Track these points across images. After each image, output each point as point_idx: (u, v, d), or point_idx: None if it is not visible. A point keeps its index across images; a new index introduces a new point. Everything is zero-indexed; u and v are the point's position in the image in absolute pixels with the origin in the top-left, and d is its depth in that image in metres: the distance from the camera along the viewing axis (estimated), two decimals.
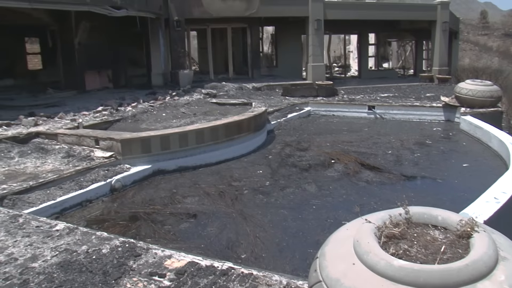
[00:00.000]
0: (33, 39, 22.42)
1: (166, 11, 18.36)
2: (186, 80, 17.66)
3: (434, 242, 2.13)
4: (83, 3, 13.27)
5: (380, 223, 2.23)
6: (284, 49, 23.65)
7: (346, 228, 2.36)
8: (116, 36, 17.86)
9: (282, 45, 23.86)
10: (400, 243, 2.13)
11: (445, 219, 2.28)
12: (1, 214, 4.89)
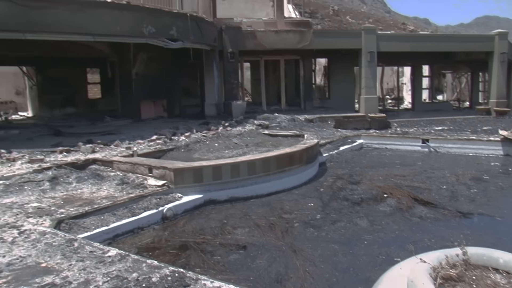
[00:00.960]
0: (94, 69, 23.35)
1: (220, 43, 18.74)
2: (239, 111, 17.85)
3: (496, 287, 2.02)
4: (142, 36, 13.74)
5: (435, 264, 2.15)
6: (337, 81, 23.61)
7: (400, 267, 2.28)
8: (171, 66, 18.35)
9: (334, 77, 23.84)
10: (458, 286, 2.03)
11: (507, 262, 2.16)
12: (58, 238, 5.04)
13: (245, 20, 21.00)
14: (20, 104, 23.79)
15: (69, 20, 12.00)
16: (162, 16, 14.39)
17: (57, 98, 20.57)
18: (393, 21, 47.15)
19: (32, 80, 21.05)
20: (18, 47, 15.26)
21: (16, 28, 11.34)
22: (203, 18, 16.85)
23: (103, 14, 12.76)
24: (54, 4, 12.09)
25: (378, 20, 40.82)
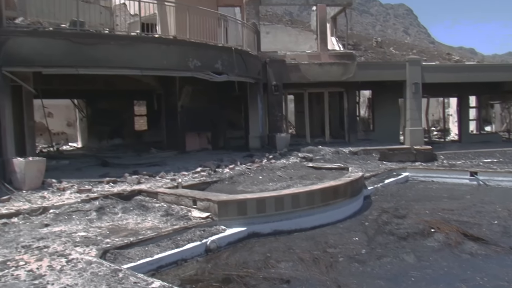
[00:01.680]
0: (141, 102, 23.95)
1: (264, 76, 18.93)
2: (283, 143, 17.86)
3: None
4: (187, 70, 14.04)
5: None
6: (381, 113, 23.37)
7: None
8: (216, 99, 18.63)
9: (379, 108, 23.62)
10: None
11: None
12: (104, 268, 5.12)
13: (289, 53, 21.18)
14: (70, 135, 24.57)
15: (119, 55, 12.42)
16: (207, 50, 14.70)
17: (105, 130, 21.17)
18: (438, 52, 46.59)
19: (82, 112, 21.77)
20: (71, 81, 15.87)
21: (70, 64, 11.84)
22: (248, 52, 17.11)
23: (150, 49, 13.14)
24: (105, 40, 12.60)
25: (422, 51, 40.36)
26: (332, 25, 25.63)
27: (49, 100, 18.95)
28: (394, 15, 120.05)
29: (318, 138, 21.55)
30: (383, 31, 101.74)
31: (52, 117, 22.77)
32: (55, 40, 11.71)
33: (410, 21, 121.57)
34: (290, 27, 32.58)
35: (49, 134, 19.99)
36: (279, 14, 41.65)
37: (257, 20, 19.86)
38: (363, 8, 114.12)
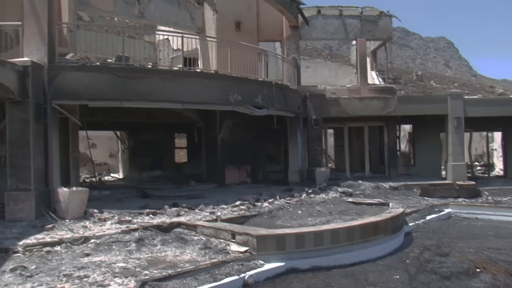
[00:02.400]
0: (181, 134, 24.31)
1: (304, 110, 18.99)
2: (322, 178, 17.76)
3: None
4: (228, 104, 14.23)
5: None
6: (422, 148, 22.98)
7: None
8: (256, 133, 18.73)
9: (419, 143, 23.25)
10: None
11: None
12: None
13: (329, 87, 21.27)
14: (112, 166, 25.08)
15: (162, 89, 12.71)
16: (248, 84, 14.89)
17: (146, 161, 21.55)
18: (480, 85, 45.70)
19: (124, 143, 22.26)
20: (115, 113, 16.30)
21: (114, 97, 12.21)
22: (288, 86, 17.25)
23: (192, 83, 13.40)
24: (149, 74, 12.94)
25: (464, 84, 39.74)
26: (372, 59, 25.66)
27: (93, 131, 19.50)
28: (434, 48, 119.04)
29: (358, 172, 21.33)
30: (423, 64, 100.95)
31: (96, 148, 23.37)
32: (101, 75, 12.10)
33: (451, 54, 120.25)
34: (330, 61, 32.72)
35: (92, 165, 20.48)
36: (319, 48, 41.89)
37: (297, 55, 20.08)
38: (403, 42, 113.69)
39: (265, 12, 20.14)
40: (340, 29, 21.80)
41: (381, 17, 21.98)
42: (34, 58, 11.25)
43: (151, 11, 18.00)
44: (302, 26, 20.52)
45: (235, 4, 19.43)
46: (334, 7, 21.93)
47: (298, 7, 19.78)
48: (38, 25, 11.46)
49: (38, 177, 10.83)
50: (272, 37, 21.04)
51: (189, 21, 19.04)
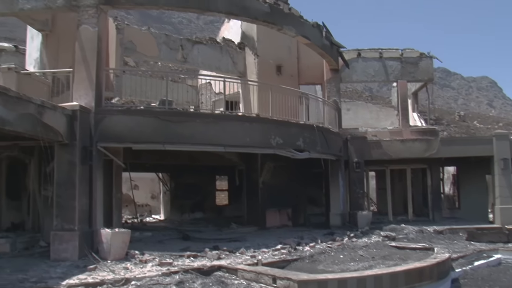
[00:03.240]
0: (223, 177, 24.45)
1: (346, 153, 18.90)
2: (364, 221, 17.48)
3: None
4: (270, 147, 14.28)
5: None
6: (467, 190, 22.37)
7: None
8: (297, 176, 18.67)
9: (464, 185, 22.66)
10: None
11: None
12: None
13: (370, 130, 21.15)
14: (154, 207, 25.35)
15: (204, 132, 12.91)
16: (289, 128, 14.95)
17: (188, 203, 21.71)
18: None
19: (166, 185, 22.54)
20: (157, 155, 16.60)
21: (157, 140, 12.45)
22: (329, 129, 17.24)
23: (234, 126, 13.58)
24: (191, 118, 13.20)
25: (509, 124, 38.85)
26: (413, 100, 25.48)
27: (136, 173, 19.83)
28: (477, 88, 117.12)
29: (401, 216, 20.91)
30: (465, 104, 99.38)
31: (138, 189, 23.72)
32: (145, 118, 12.41)
33: (494, 93, 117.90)
34: (370, 104, 32.66)
35: (134, 206, 20.76)
36: (359, 90, 42.01)
37: (338, 98, 20.15)
38: (444, 82, 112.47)
39: (306, 56, 20.36)
40: (380, 71, 21.80)
41: (422, 58, 21.91)
42: (82, 102, 11.66)
43: (194, 56, 18.53)
44: (342, 69, 20.64)
45: (276, 48, 19.73)
46: (374, 49, 22.01)
47: (338, 51, 19.94)
48: (87, 71, 11.94)
49: (82, 218, 11.04)
50: (313, 80, 21.19)
51: (231, 66, 19.47)
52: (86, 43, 12.11)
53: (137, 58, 20.05)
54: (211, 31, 59.91)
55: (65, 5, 12.42)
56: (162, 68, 23.92)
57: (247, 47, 19.82)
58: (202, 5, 13.65)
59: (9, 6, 12.63)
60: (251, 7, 14.52)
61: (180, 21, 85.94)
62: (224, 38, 20.41)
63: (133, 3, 13.20)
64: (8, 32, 47.87)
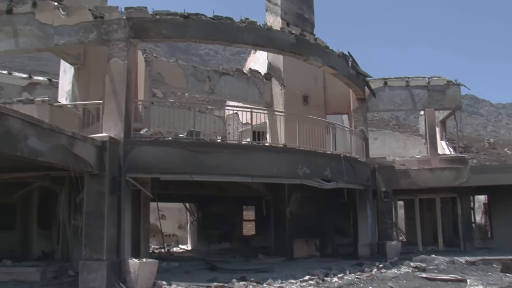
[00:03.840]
0: (250, 207, 24.40)
1: (373, 182, 18.74)
2: (393, 251, 17.18)
3: None
4: (297, 177, 14.26)
5: None
6: (500, 220, 21.82)
7: None
8: (324, 206, 18.56)
9: (497, 215, 22.12)
10: None
11: None
12: None
13: (398, 159, 20.96)
14: (181, 237, 25.37)
15: (231, 163, 12.99)
16: (316, 158, 14.93)
17: (214, 234, 21.70)
18: None
19: (193, 215, 22.59)
20: (185, 186, 16.69)
21: (185, 171, 12.58)
22: (356, 158, 17.16)
23: (261, 157, 13.62)
24: (219, 148, 13.34)
25: None
26: (441, 128, 25.22)
27: (163, 203, 19.95)
28: (506, 115, 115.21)
29: (431, 246, 20.51)
30: (495, 131, 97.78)
31: (165, 219, 23.82)
32: (173, 149, 12.58)
33: None
34: (398, 132, 32.43)
35: (162, 236, 20.82)
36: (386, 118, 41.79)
37: (365, 127, 20.08)
38: (473, 109, 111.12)
39: (332, 86, 20.43)
40: (407, 99, 21.70)
41: (449, 86, 21.75)
42: (112, 134, 11.90)
43: (221, 87, 18.78)
44: (369, 98, 20.63)
45: (302, 78, 19.85)
46: (401, 78, 21.96)
47: (364, 80, 19.97)
48: (117, 103, 12.24)
49: (110, 248, 11.14)
50: (340, 110, 21.19)
51: (257, 96, 19.65)
52: (116, 76, 12.43)
53: (165, 90, 20.41)
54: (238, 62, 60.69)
55: (97, 39, 12.82)
56: (189, 99, 24.25)
57: (274, 77, 20.00)
58: (229, 37, 13.92)
59: (45, 42, 13.09)
60: (278, 38, 14.73)
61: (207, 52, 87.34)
62: (250, 69, 20.66)
63: (161, 36, 13.46)
64: (43, 66, 49.48)
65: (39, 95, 14.92)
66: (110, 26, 12.76)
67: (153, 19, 13.05)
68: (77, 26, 12.85)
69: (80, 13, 12.93)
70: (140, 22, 12.93)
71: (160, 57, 19.42)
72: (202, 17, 13.45)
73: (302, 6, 20.91)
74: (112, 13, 12.90)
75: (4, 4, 13.21)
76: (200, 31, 13.55)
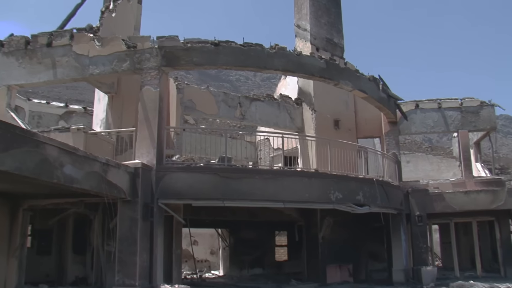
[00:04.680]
0: (282, 232, 24.23)
1: (407, 206, 18.43)
2: (429, 277, 16.77)
3: None
4: (329, 202, 14.15)
5: None
6: None
7: None
8: (357, 230, 18.31)
9: None
10: None
11: None
12: None
13: (432, 182, 20.61)
14: (213, 263, 25.30)
15: (263, 188, 12.99)
16: (348, 182, 14.81)
17: (246, 259, 21.56)
18: None
19: (225, 241, 22.53)
20: (216, 212, 16.72)
21: (217, 197, 12.64)
22: (389, 182, 16.94)
23: (293, 182, 13.56)
24: (250, 174, 13.37)
25: None
26: (476, 150, 24.72)
27: (195, 229, 19.99)
28: None
29: (468, 271, 19.93)
30: None
31: (197, 245, 23.82)
32: (205, 175, 12.67)
33: None
34: (431, 155, 31.92)
35: (194, 261, 20.80)
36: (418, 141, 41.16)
37: (397, 150, 19.86)
38: (508, 130, 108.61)
39: (363, 109, 20.34)
40: (440, 122, 21.40)
41: (483, 107, 21.36)
42: (144, 160, 12.08)
43: (252, 113, 18.90)
44: (400, 121, 20.44)
45: (333, 103, 19.83)
46: (433, 100, 21.71)
47: (396, 103, 19.82)
48: (149, 130, 12.45)
49: (143, 274, 11.22)
50: (371, 134, 21.05)
51: (288, 121, 19.69)
52: (148, 103, 12.67)
53: (197, 116, 20.62)
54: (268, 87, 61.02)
55: (130, 68, 13.13)
56: (221, 125, 24.43)
57: (304, 102, 20.04)
58: (260, 63, 14.06)
59: (81, 72, 13.51)
60: (308, 63, 14.80)
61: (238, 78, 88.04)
62: (281, 95, 20.76)
63: (192, 64, 13.69)
64: (79, 95, 50.87)
65: (74, 123, 15.33)
66: (142, 55, 13.08)
67: (184, 47, 13.31)
68: (111, 56, 13.23)
69: (114, 43, 13.32)
70: (172, 50, 13.20)
71: (192, 84, 19.73)
72: (232, 44, 13.65)
73: (331, 31, 21.00)
74: (144, 42, 13.23)
75: (45, 38, 13.77)
76: (230, 58, 13.75)
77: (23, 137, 8.01)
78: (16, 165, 7.74)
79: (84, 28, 13.85)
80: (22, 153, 7.89)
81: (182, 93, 16.54)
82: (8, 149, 7.54)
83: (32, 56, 13.80)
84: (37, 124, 20.51)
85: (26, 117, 19.93)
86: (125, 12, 15.88)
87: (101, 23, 14.30)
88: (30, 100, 21.80)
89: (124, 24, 15.76)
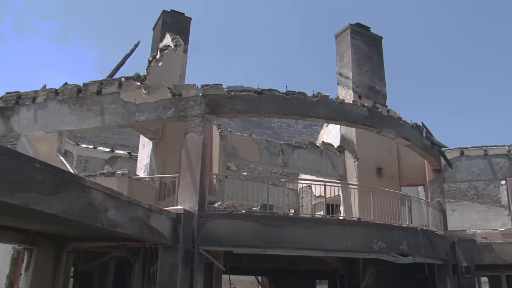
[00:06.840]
0: (323, 281, 23.74)
1: (453, 257, 17.85)
2: None
3: None
4: (372, 251, 13.83)
5: None
6: None
7: None
8: (400, 281, 17.75)
9: None
10: None
11: None
12: None
13: (479, 232, 19.91)
14: None
15: (304, 237, 12.83)
16: (391, 231, 14.48)
17: None
18: None
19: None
20: (257, 259, 16.57)
21: (258, 244, 12.56)
22: (434, 232, 16.49)
23: (335, 231, 13.38)
24: (292, 222, 13.22)
25: None
26: None
27: (235, 276, 19.82)
28: None
29: None
30: None
31: None
32: (246, 222, 12.65)
33: None
34: (477, 203, 31.01)
35: None
36: (463, 189, 40.11)
37: (442, 198, 19.39)
38: None
39: (406, 157, 20.08)
40: (486, 169, 20.82)
41: None
42: (186, 206, 12.19)
43: (294, 160, 18.92)
44: (445, 168, 20.01)
45: (375, 150, 19.68)
46: (478, 147, 21.21)
47: (440, 150, 19.49)
48: (192, 176, 12.59)
49: None
50: (415, 181, 20.67)
51: (330, 169, 19.59)
52: (191, 150, 12.88)
53: (239, 163, 20.79)
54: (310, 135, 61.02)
55: (174, 115, 13.43)
56: (262, 172, 24.52)
57: (347, 150, 19.96)
58: (302, 111, 14.14)
59: (127, 119, 13.92)
60: (350, 111, 14.81)
61: (280, 125, 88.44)
62: (323, 142, 20.75)
63: (236, 111, 13.89)
64: (124, 140, 52.24)
65: (119, 167, 15.68)
66: (187, 103, 13.39)
67: (228, 95, 13.56)
68: (157, 103, 13.60)
69: (160, 91, 13.71)
70: (216, 98, 13.47)
71: (234, 131, 20.02)
72: (275, 93, 13.82)
73: (373, 79, 21.07)
74: (189, 90, 13.57)
75: (95, 86, 14.35)
76: (273, 106, 13.89)
77: (70, 181, 8.20)
78: (63, 208, 7.90)
79: (131, 77, 14.35)
80: (69, 197, 8.06)
81: (225, 140, 16.77)
82: (57, 193, 7.72)
83: (83, 103, 14.36)
84: (84, 168, 21.10)
85: (74, 161, 20.53)
86: (171, 61, 16.38)
87: (148, 72, 14.78)
88: (78, 145, 22.52)
89: (169, 72, 16.24)
